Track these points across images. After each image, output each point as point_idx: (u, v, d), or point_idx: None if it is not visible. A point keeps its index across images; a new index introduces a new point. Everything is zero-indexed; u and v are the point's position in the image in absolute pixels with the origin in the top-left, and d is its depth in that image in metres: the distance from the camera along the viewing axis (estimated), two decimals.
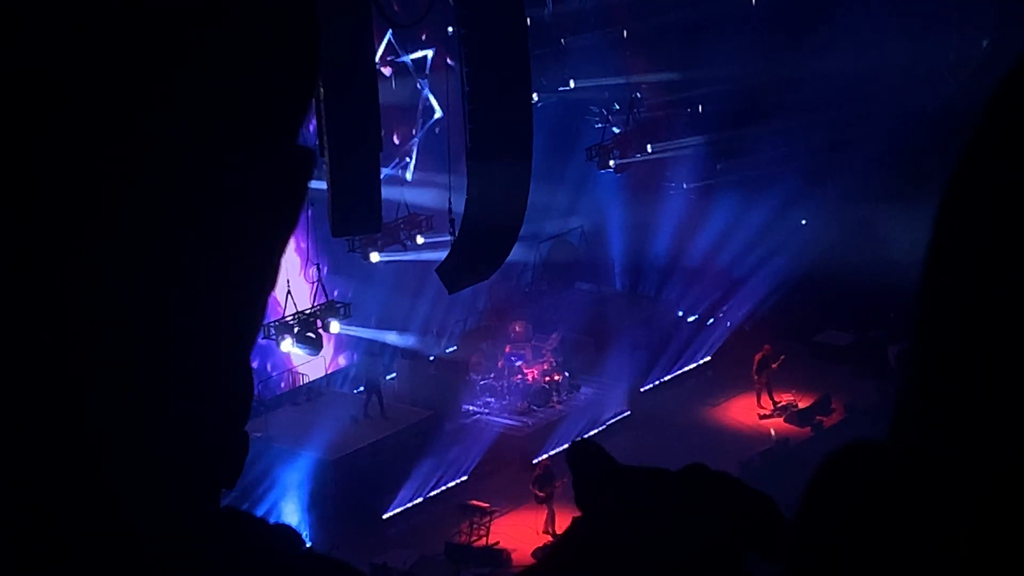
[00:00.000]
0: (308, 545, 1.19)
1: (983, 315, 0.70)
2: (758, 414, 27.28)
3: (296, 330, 22.50)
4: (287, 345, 22.54)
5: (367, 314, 28.96)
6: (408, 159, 30.95)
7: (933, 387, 0.73)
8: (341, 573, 1.17)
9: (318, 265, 24.55)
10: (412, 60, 30.74)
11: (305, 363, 27.53)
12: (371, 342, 29.42)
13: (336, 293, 25.91)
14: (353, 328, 28.09)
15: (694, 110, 32.58)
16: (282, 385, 28.37)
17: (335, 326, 23.43)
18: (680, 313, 31.08)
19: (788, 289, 30.48)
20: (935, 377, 0.73)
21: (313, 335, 22.65)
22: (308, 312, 23.08)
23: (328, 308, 23.35)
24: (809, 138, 30.61)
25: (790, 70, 29.91)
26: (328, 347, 28.66)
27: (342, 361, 29.82)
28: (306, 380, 28.40)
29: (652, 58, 32.17)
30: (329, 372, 29.07)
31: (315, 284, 24.14)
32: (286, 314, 22.87)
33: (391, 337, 29.56)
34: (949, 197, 0.73)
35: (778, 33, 30.39)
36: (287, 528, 1.14)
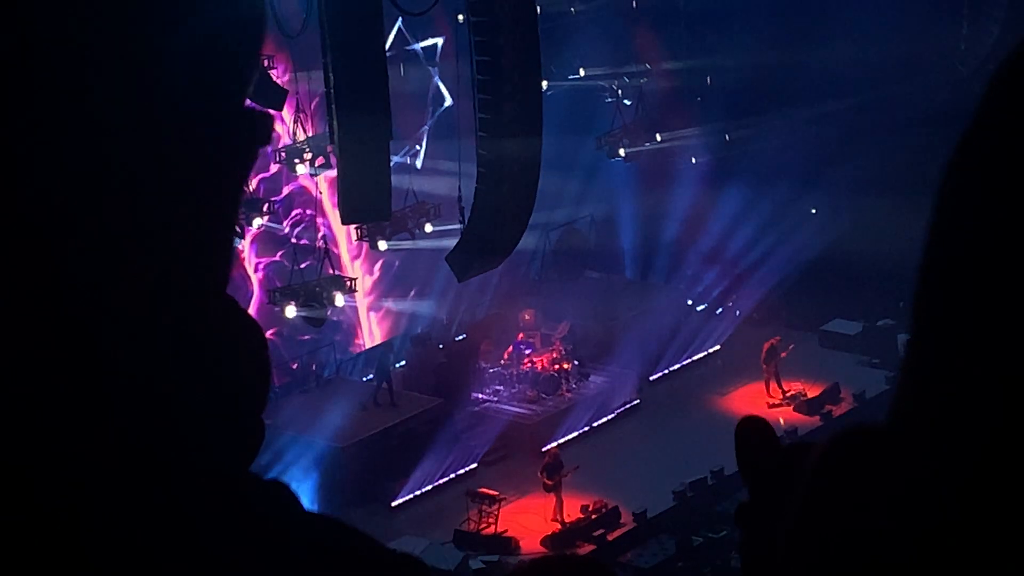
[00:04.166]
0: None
1: (978, 300, 0.70)
2: (767, 403, 27.22)
3: (301, 298, 22.65)
4: (291, 311, 22.65)
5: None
6: (418, 147, 30.91)
7: (928, 372, 0.74)
8: (340, 533, 1.15)
9: (324, 237, 24.71)
10: (422, 48, 30.70)
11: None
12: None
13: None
14: (360, 302, 28.52)
15: (704, 98, 32.49)
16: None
17: (339, 299, 23.48)
18: (689, 302, 31.04)
19: (797, 278, 30.41)
20: (930, 361, 0.74)
21: (317, 304, 22.73)
22: (314, 283, 23.16)
23: (334, 281, 23.35)
24: (819, 127, 30.53)
25: (801, 58, 29.83)
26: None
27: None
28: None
29: (662, 45, 32.08)
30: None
31: (323, 260, 24.22)
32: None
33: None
34: (947, 182, 0.74)
35: (789, 20, 30.30)
36: (280, 485, 1.13)
